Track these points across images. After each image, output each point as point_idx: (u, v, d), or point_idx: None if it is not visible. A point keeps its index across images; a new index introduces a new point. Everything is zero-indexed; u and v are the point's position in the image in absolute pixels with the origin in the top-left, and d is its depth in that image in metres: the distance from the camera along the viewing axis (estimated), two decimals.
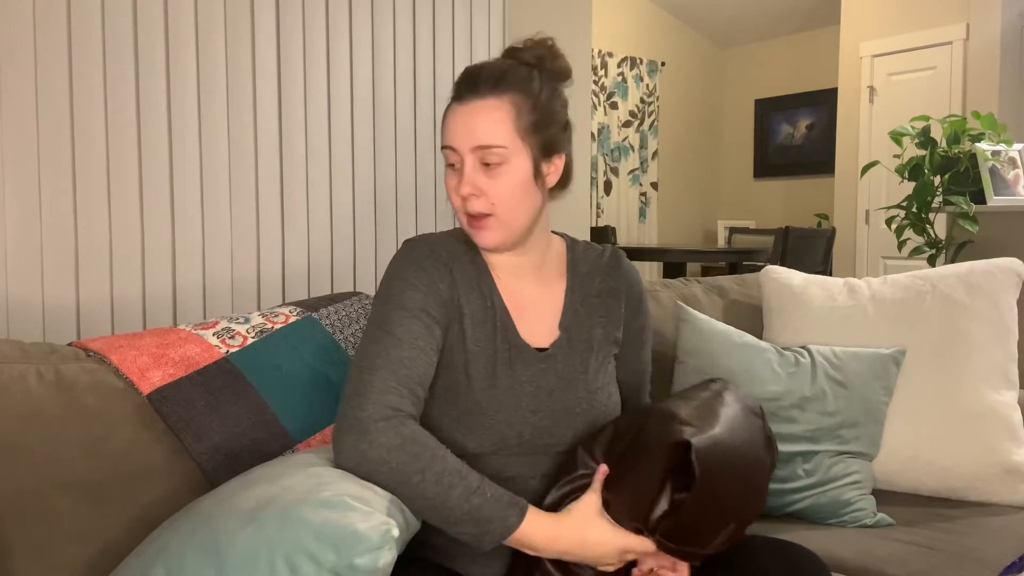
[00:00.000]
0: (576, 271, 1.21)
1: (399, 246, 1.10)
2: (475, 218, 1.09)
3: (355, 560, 0.82)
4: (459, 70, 1.67)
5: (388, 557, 0.83)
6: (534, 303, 1.16)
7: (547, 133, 1.10)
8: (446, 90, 2.20)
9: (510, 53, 1.13)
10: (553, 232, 1.23)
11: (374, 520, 0.85)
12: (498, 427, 1.07)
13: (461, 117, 1.07)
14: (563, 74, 1.14)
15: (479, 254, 1.15)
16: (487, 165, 1.07)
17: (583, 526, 1.00)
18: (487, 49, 2.31)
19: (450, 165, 1.10)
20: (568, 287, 1.19)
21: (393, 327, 1.05)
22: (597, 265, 1.22)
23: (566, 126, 1.14)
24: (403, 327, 1.05)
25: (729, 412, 1.06)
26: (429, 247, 1.12)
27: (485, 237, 1.10)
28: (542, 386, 1.11)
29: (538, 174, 1.10)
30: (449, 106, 1.11)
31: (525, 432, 1.08)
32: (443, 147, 1.10)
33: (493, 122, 1.06)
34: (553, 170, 1.13)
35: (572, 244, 1.24)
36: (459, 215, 1.11)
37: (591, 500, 1.01)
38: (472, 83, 1.08)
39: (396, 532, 0.85)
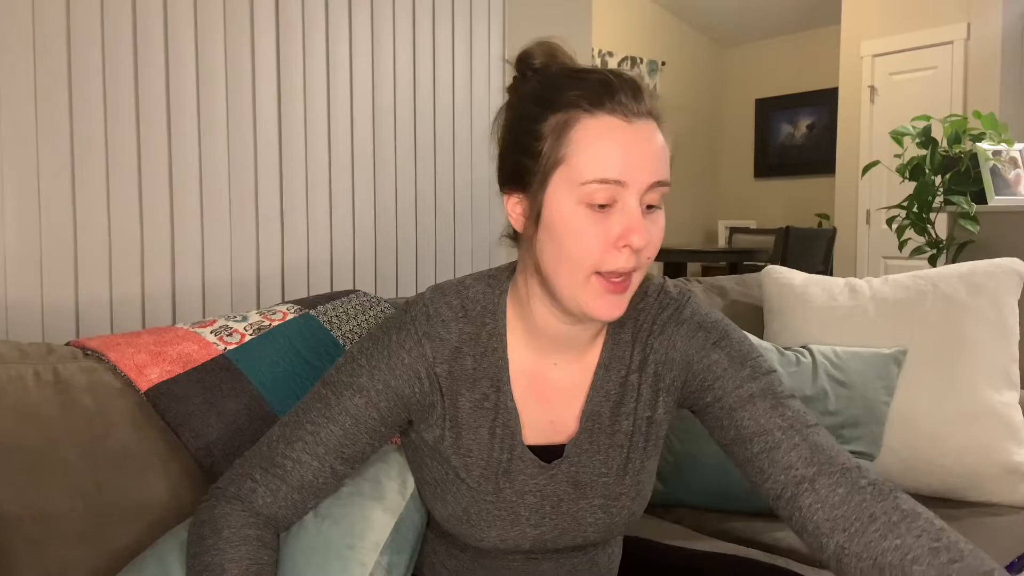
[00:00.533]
0: (615, 336, 0.94)
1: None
2: (619, 281, 0.82)
3: None
4: (459, 70, 1.67)
5: None
6: (559, 388, 0.93)
7: None
8: (447, 90, 2.20)
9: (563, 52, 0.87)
10: None
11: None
12: (491, 541, 0.92)
13: (638, 140, 0.80)
14: None
15: (499, 333, 0.91)
16: (650, 208, 0.83)
17: None
18: (487, 48, 2.31)
19: (599, 206, 0.80)
20: (601, 362, 0.93)
21: (314, 415, 0.89)
22: (633, 315, 0.94)
23: None
24: (321, 424, 0.89)
25: None
26: (426, 328, 0.89)
27: (619, 305, 0.84)
28: (548, 495, 0.92)
29: None
30: (591, 121, 0.80)
31: (524, 545, 0.93)
32: (599, 181, 0.79)
33: (666, 150, 0.83)
34: None
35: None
36: (585, 272, 0.81)
37: None
38: (639, 95, 0.82)
39: None
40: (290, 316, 1.34)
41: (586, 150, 0.79)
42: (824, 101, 6.25)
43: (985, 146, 2.92)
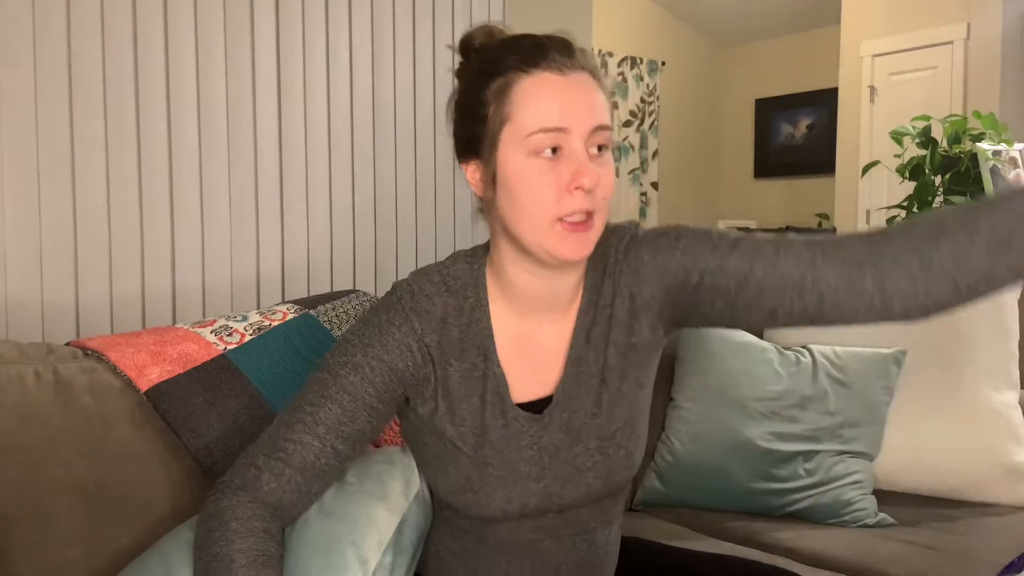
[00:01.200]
0: (595, 272, 0.98)
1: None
2: (580, 222, 0.86)
3: None
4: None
5: None
6: (547, 348, 0.96)
7: None
8: (447, 90, 2.19)
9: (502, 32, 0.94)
10: None
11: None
12: (497, 504, 0.93)
13: (574, 90, 0.86)
14: None
15: (481, 304, 0.95)
16: (599, 150, 0.87)
17: None
18: None
19: (547, 155, 0.85)
20: (581, 308, 0.97)
21: (312, 396, 0.91)
22: (602, 259, 0.98)
23: None
24: (320, 404, 0.90)
25: None
26: (412, 304, 0.93)
27: (584, 244, 0.87)
28: (544, 447, 0.94)
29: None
30: (528, 77, 0.86)
31: (530, 503, 0.94)
32: (541, 130, 0.84)
33: (604, 98, 0.89)
34: None
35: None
36: (547, 220, 0.86)
37: None
38: (569, 50, 0.88)
39: None
40: (290, 316, 1.35)
41: (527, 105, 0.85)
42: (824, 101, 6.24)
43: (985, 146, 2.92)
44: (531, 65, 0.86)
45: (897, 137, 3.10)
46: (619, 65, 6.30)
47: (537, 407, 0.95)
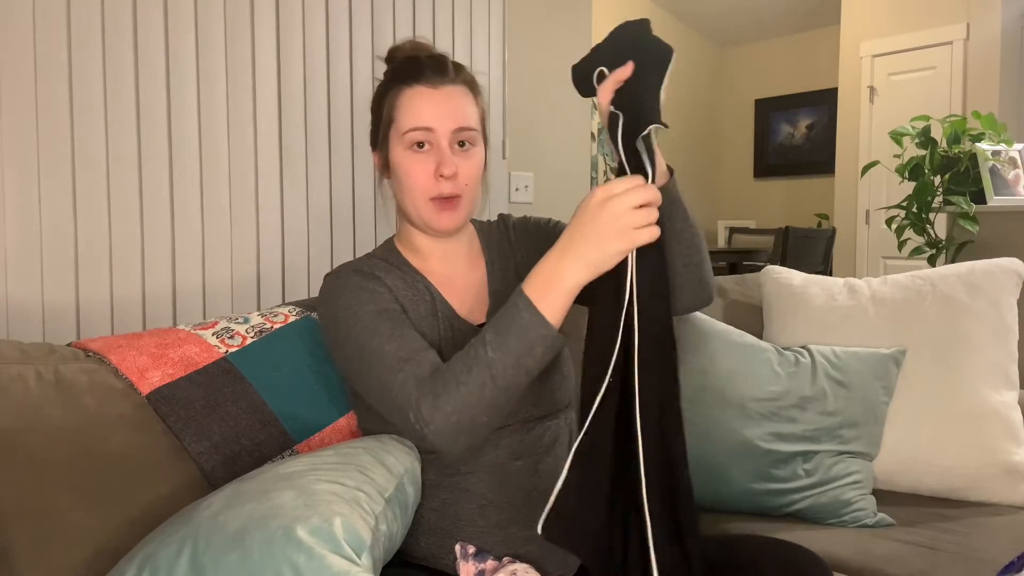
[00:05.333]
0: (489, 244, 1.25)
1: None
2: (448, 200, 1.12)
3: None
4: None
5: None
6: (466, 284, 1.20)
7: (485, 125, 1.19)
8: None
9: (418, 47, 1.18)
10: None
11: (360, 529, 0.86)
12: None
13: (440, 99, 1.11)
14: None
15: (401, 260, 1.19)
16: (461, 146, 1.12)
17: (571, 223, 0.94)
18: (487, 48, 2.31)
19: (418, 146, 1.11)
20: (487, 260, 1.24)
21: (374, 339, 1.04)
22: (498, 232, 1.28)
23: None
24: (380, 333, 1.05)
25: None
26: (351, 268, 1.14)
27: (452, 219, 1.13)
28: None
29: (484, 161, 1.18)
30: (408, 89, 1.11)
31: None
32: (413, 129, 1.10)
33: (469, 105, 1.14)
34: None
35: (477, 223, 1.30)
36: (422, 199, 1.12)
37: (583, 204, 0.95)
38: (442, 68, 1.12)
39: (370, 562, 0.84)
40: (292, 318, 1.34)
41: (405, 110, 1.11)
42: (824, 101, 6.25)
43: (984, 146, 2.92)
44: (412, 80, 1.11)
45: (897, 137, 3.10)
46: None
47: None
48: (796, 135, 6.58)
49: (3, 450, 1.02)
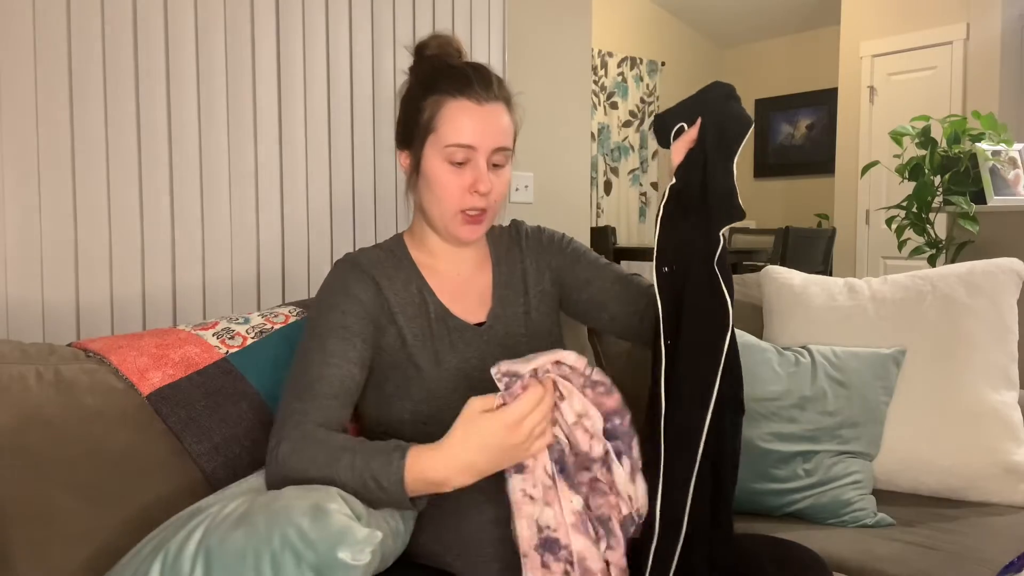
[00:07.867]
0: (497, 248, 1.29)
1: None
2: (478, 215, 1.15)
3: (337, 555, 0.82)
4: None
5: (369, 557, 0.84)
6: (469, 285, 1.23)
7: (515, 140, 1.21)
8: None
9: (447, 42, 1.19)
10: None
11: (359, 522, 0.88)
12: (457, 407, 1.02)
13: (486, 117, 1.12)
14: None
15: (405, 256, 1.22)
16: (496, 166, 1.15)
17: (468, 428, 0.95)
18: (487, 49, 2.31)
19: (457, 163, 1.13)
20: (494, 262, 1.27)
21: (311, 353, 1.10)
22: (508, 238, 1.31)
23: None
24: (320, 349, 1.09)
25: None
26: (352, 262, 1.18)
27: (476, 232, 1.17)
28: (486, 356, 1.16)
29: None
30: (454, 102, 1.12)
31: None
32: (456, 145, 1.11)
33: (508, 123, 1.16)
34: None
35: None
36: (451, 211, 1.14)
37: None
38: (488, 83, 1.13)
39: (379, 535, 0.86)
40: (292, 319, 1.35)
41: (449, 123, 1.12)
42: (824, 101, 6.25)
43: (984, 146, 2.92)
44: (458, 92, 1.11)
45: (897, 137, 3.10)
46: (619, 65, 6.30)
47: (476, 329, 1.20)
48: (796, 135, 6.58)
49: (3, 450, 1.02)
